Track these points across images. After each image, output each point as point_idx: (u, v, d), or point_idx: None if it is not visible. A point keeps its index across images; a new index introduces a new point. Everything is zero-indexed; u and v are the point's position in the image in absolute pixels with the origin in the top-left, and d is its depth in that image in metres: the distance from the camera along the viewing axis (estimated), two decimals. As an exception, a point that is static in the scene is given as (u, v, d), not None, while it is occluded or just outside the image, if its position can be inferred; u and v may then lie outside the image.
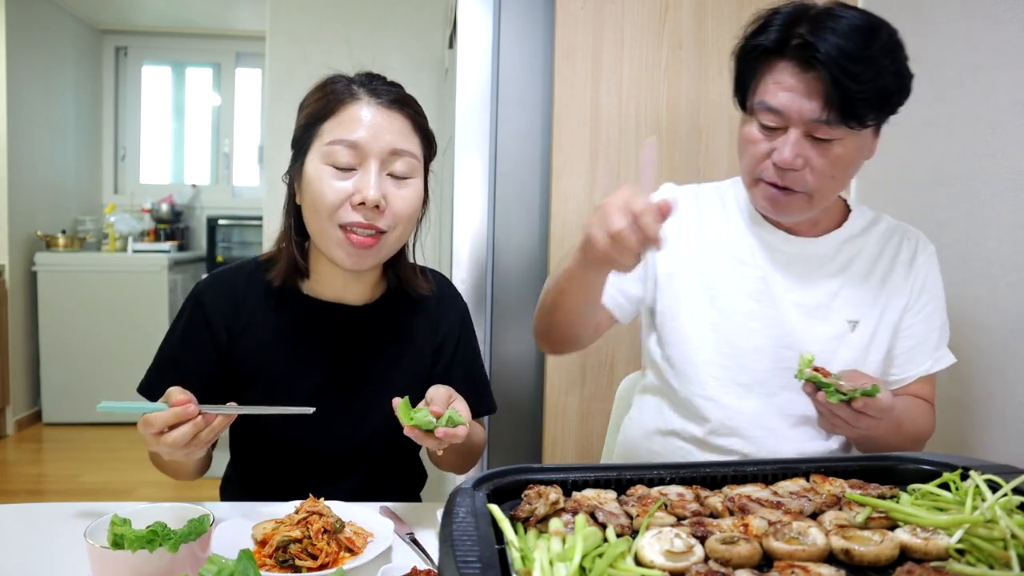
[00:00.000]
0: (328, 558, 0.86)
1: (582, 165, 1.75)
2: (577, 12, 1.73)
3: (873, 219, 1.26)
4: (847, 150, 1.08)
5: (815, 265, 1.21)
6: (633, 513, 0.71)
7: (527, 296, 1.83)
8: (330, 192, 1.06)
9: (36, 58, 4.32)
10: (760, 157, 1.11)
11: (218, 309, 1.15)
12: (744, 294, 1.21)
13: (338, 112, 1.08)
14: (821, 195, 1.12)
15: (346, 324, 1.18)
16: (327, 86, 1.12)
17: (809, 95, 1.04)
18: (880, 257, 1.23)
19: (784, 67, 1.06)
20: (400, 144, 1.09)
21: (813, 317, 1.20)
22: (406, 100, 1.13)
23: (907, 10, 1.63)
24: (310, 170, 1.08)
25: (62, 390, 4.28)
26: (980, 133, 1.41)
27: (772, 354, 1.19)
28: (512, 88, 1.80)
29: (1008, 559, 0.58)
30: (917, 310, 1.22)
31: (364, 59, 1.20)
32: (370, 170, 1.07)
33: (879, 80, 1.03)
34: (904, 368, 1.23)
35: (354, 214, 1.06)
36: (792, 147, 1.06)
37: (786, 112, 1.06)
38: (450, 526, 0.59)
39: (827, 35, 1.02)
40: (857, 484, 0.77)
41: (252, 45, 5.15)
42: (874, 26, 1.05)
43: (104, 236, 4.77)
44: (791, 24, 1.06)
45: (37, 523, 1.01)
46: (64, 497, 3.28)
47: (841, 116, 1.03)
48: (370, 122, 1.07)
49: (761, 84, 1.09)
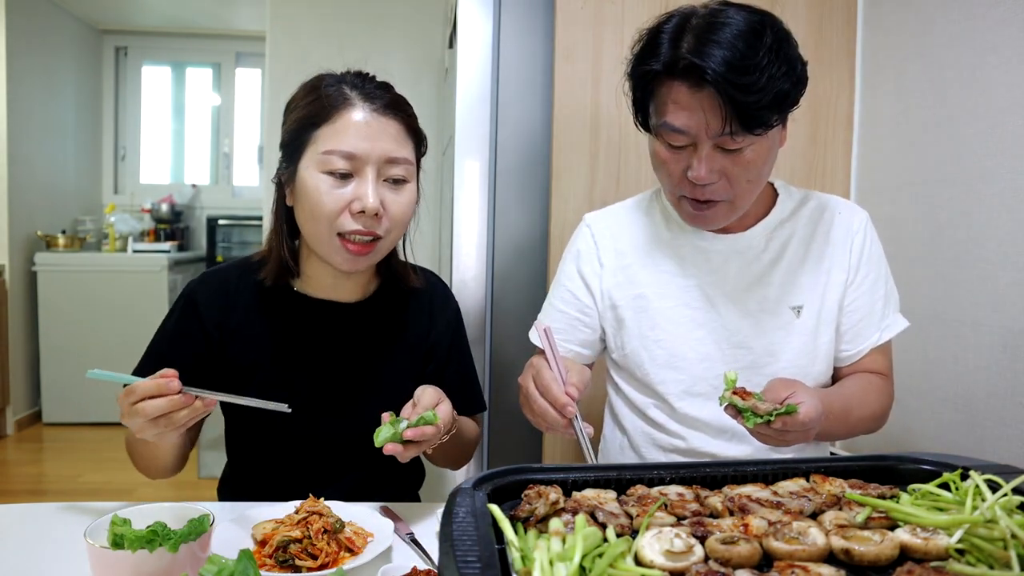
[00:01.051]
0: (328, 558, 0.86)
1: (582, 165, 1.75)
2: (577, 12, 1.73)
3: (801, 199, 1.25)
4: (759, 153, 1.07)
5: (749, 259, 1.21)
6: (633, 513, 0.71)
7: (527, 296, 1.83)
8: (329, 201, 1.07)
9: (36, 58, 4.32)
10: (676, 176, 1.10)
11: (210, 308, 1.15)
12: (681, 304, 1.21)
13: (332, 119, 1.08)
14: (742, 199, 1.12)
15: (339, 322, 1.19)
16: (318, 88, 1.11)
17: (707, 112, 1.02)
18: (813, 237, 1.22)
19: (678, 87, 1.04)
20: (396, 152, 1.09)
21: (756, 312, 1.20)
22: (399, 104, 1.13)
23: (907, 10, 1.63)
24: (306, 178, 1.08)
25: (62, 390, 4.28)
26: (980, 133, 1.41)
27: (722, 358, 1.20)
28: (512, 88, 1.80)
29: (1008, 559, 0.58)
30: (858, 283, 1.21)
31: (364, 59, 1.21)
32: (367, 178, 1.07)
33: (773, 85, 1.01)
34: (854, 343, 1.22)
35: (353, 222, 1.07)
36: (705, 163, 1.06)
37: (689, 131, 1.05)
38: (450, 526, 0.59)
39: (712, 50, 0.99)
40: (857, 484, 0.77)
41: (252, 45, 5.15)
42: (757, 28, 1.02)
43: (104, 236, 4.78)
44: (676, 41, 1.04)
45: (37, 523, 1.01)
46: (64, 497, 3.27)
47: (744, 126, 1.02)
48: (366, 131, 1.07)
49: (660, 105, 1.07)
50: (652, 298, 1.22)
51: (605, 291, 1.26)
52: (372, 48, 3.31)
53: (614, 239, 1.27)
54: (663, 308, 1.21)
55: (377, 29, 3.35)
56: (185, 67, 5.45)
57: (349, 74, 1.14)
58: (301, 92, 1.15)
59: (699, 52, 1.00)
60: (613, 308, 1.25)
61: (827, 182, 1.79)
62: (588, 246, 1.28)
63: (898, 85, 1.64)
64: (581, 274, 1.28)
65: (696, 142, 1.06)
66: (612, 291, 1.25)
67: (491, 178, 1.81)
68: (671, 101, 1.05)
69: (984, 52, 1.40)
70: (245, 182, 5.43)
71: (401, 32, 3.34)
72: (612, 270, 1.25)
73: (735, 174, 1.07)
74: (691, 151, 1.07)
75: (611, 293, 1.25)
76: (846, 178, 1.81)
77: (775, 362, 1.20)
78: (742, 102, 0.99)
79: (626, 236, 1.27)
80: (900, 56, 1.64)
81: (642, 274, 1.24)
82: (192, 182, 5.36)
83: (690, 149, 1.07)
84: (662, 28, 1.07)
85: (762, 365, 1.19)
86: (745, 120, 1.01)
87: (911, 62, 1.61)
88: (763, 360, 1.19)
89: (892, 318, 1.23)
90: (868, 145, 1.76)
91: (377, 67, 1.18)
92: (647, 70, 1.07)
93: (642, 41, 1.10)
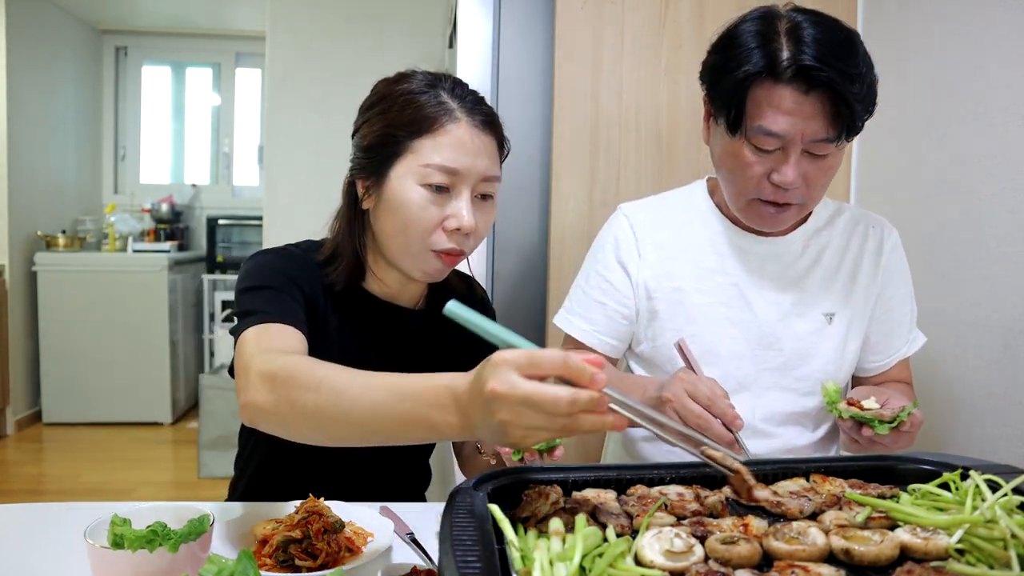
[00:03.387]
0: (328, 558, 0.86)
1: (582, 165, 1.75)
2: (577, 12, 1.73)
3: (836, 210, 1.27)
4: (837, 158, 1.10)
5: (787, 263, 1.22)
6: (633, 513, 0.71)
7: (527, 296, 1.83)
8: (425, 216, 1.04)
9: (36, 58, 4.32)
10: (757, 179, 1.10)
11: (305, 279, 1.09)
12: (718, 302, 1.22)
13: (435, 131, 1.03)
14: (813, 202, 1.14)
15: (399, 325, 1.17)
16: (415, 95, 1.06)
17: (812, 117, 1.03)
18: (848, 248, 1.25)
19: (781, 91, 1.03)
20: (492, 170, 1.08)
21: (790, 315, 1.21)
22: (494, 119, 1.10)
23: (907, 10, 1.63)
24: (399, 188, 1.04)
25: (62, 390, 4.28)
26: (980, 133, 1.41)
27: (753, 357, 1.21)
28: (512, 88, 1.80)
29: (1008, 559, 0.58)
30: (888, 296, 1.24)
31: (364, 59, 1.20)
32: (463, 195, 1.05)
33: (870, 93, 1.05)
34: (884, 355, 1.26)
35: (447, 240, 1.05)
36: (794, 168, 1.06)
37: (786, 135, 1.05)
38: (450, 526, 0.59)
39: (822, 55, 1.00)
40: (857, 484, 0.77)
41: (252, 45, 5.15)
42: (852, 37, 1.05)
43: (104, 236, 4.77)
44: (769, 41, 1.03)
45: (37, 523, 1.01)
46: (64, 497, 3.28)
47: (847, 133, 1.04)
48: (470, 147, 1.04)
49: (755, 108, 1.05)
50: (690, 292, 1.22)
51: (641, 281, 1.25)
52: (372, 48, 3.31)
53: (653, 230, 1.27)
54: (700, 303, 1.22)
55: (377, 29, 3.35)
56: (185, 67, 5.44)
57: (446, 80, 1.09)
58: (392, 92, 1.08)
59: (810, 54, 1.01)
60: (648, 299, 1.25)
61: (827, 182, 1.79)
62: (627, 235, 1.27)
63: (898, 85, 1.64)
64: (621, 263, 1.27)
65: (787, 146, 1.06)
66: (648, 282, 1.25)
67: (491, 178, 1.81)
68: (770, 105, 1.04)
69: (984, 52, 1.40)
70: (245, 182, 5.42)
71: (401, 32, 3.34)
72: (651, 262, 1.25)
73: (815, 178, 1.09)
74: (779, 155, 1.07)
75: (647, 284, 1.25)
76: (846, 178, 1.81)
77: (805, 365, 1.21)
78: (851, 108, 1.01)
79: (666, 229, 1.27)
80: (900, 56, 1.64)
81: (682, 268, 1.24)
82: (192, 182, 5.36)
83: (778, 153, 1.07)
84: (743, 28, 1.07)
85: (792, 368, 1.21)
86: (849, 126, 1.03)
87: (911, 62, 1.61)
88: (793, 362, 1.21)
89: (915, 332, 1.28)
90: (868, 145, 1.76)
91: (377, 67, 1.17)
92: (743, 73, 1.05)
93: (724, 44, 1.10)
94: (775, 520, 0.70)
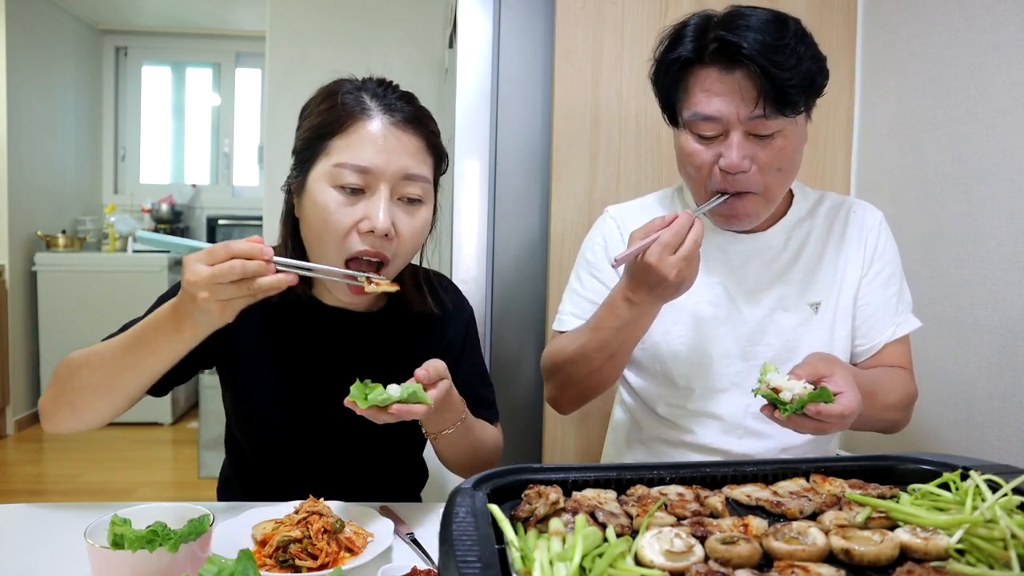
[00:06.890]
0: (328, 558, 0.86)
1: (582, 165, 1.75)
2: (577, 12, 1.73)
3: (818, 199, 1.27)
4: (788, 140, 1.09)
5: (770, 257, 1.22)
6: (633, 513, 0.71)
7: (527, 296, 1.83)
8: (337, 219, 1.00)
9: (36, 58, 4.32)
10: (706, 168, 1.10)
11: None
12: (705, 302, 1.22)
13: (347, 129, 1.01)
14: (772, 191, 1.13)
15: (348, 330, 1.16)
16: (335, 95, 1.04)
17: (741, 94, 1.04)
18: (830, 234, 1.24)
19: (708, 74, 1.06)
20: (413, 168, 1.02)
21: (776, 309, 1.21)
22: (421, 117, 1.06)
23: (907, 10, 1.63)
24: (314, 191, 1.02)
25: (62, 390, 4.27)
26: (980, 133, 1.41)
27: (742, 355, 1.21)
28: (512, 88, 1.80)
29: (1008, 559, 0.58)
30: (871, 277, 1.23)
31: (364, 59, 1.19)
32: (380, 195, 1.00)
33: (802, 66, 1.04)
34: (868, 336, 1.24)
35: (361, 243, 1.00)
36: (737, 149, 1.06)
37: (723, 117, 1.06)
38: (450, 526, 0.59)
39: (744, 32, 1.03)
40: (857, 484, 0.77)
41: (252, 45, 5.15)
42: (782, 17, 1.06)
43: (104, 236, 4.78)
44: (703, 31, 1.07)
45: (37, 523, 1.01)
46: (64, 497, 3.28)
47: (777, 106, 1.04)
48: (383, 144, 1.00)
49: (688, 96, 1.09)
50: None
51: None
52: (372, 48, 3.31)
53: None
54: (687, 304, 1.21)
55: (377, 29, 3.35)
56: (185, 67, 5.44)
57: (371, 81, 1.07)
58: (318, 97, 1.07)
59: (733, 33, 1.03)
60: None
61: (827, 182, 1.79)
62: (615, 237, 1.28)
63: (898, 85, 1.64)
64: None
65: (727, 129, 1.07)
66: None
67: (491, 178, 1.81)
68: (701, 90, 1.07)
69: (984, 52, 1.40)
70: (245, 182, 5.43)
71: (401, 32, 3.34)
72: None
73: (766, 161, 1.08)
74: (721, 140, 1.08)
75: None
76: (846, 178, 1.81)
77: (794, 358, 1.20)
78: (776, 78, 1.01)
79: None
80: (900, 56, 1.64)
81: None
82: (192, 182, 5.36)
83: (720, 139, 1.08)
84: (686, 23, 1.10)
85: (781, 362, 1.20)
86: (779, 99, 1.03)
87: (911, 62, 1.61)
88: (782, 356, 1.21)
89: (905, 316, 1.24)
90: (868, 145, 1.76)
91: (377, 67, 1.17)
92: (674, 59, 1.09)
93: (666, 39, 1.12)
94: (775, 520, 0.70)
